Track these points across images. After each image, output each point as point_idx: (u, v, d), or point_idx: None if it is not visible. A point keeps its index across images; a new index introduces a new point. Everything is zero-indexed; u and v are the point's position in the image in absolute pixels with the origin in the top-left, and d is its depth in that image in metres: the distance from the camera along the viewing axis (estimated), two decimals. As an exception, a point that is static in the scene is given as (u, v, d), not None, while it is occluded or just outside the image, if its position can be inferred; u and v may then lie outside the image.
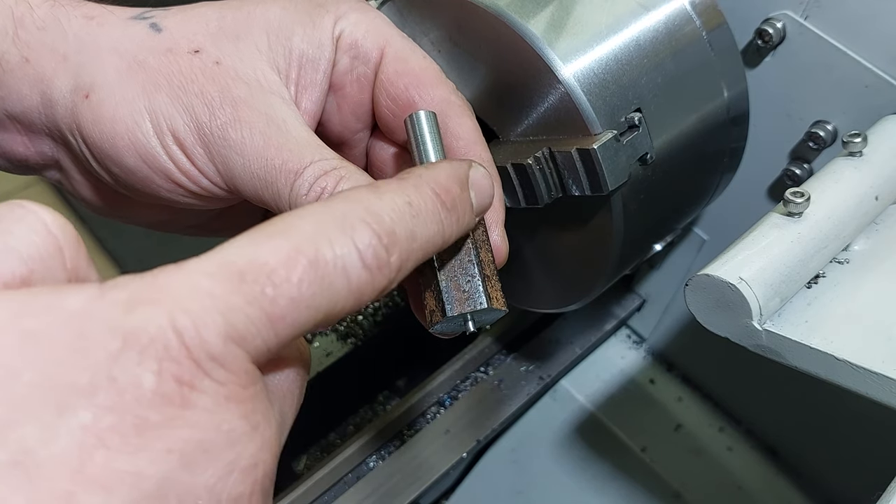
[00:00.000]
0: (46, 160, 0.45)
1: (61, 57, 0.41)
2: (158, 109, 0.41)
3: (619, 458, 0.75)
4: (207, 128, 0.40)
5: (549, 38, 0.46)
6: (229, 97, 0.40)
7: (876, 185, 0.47)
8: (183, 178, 0.42)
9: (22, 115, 0.43)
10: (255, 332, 0.26)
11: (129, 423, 0.23)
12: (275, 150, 0.40)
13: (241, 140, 0.40)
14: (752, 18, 0.56)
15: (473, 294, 0.39)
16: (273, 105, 0.41)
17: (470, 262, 0.39)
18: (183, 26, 0.42)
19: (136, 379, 0.23)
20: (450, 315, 0.38)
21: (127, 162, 0.41)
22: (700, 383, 0.77)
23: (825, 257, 0.45)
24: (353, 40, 0.44)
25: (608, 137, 0.45)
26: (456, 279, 0.39)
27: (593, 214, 0.50)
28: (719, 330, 0.43)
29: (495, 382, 0.72)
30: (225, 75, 0.41)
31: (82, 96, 0.41)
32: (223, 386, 0.25)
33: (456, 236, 0.34)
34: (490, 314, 0.39)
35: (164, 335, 0.24)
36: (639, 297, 0.78)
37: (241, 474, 0.25)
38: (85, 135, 0.42)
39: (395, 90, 0.44)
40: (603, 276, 0.53)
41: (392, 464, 0.66)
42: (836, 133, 0.56)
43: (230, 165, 0.40)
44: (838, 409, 0.65)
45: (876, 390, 0.39)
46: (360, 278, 0.29)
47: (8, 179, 1.30)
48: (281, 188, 0.40)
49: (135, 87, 0.41)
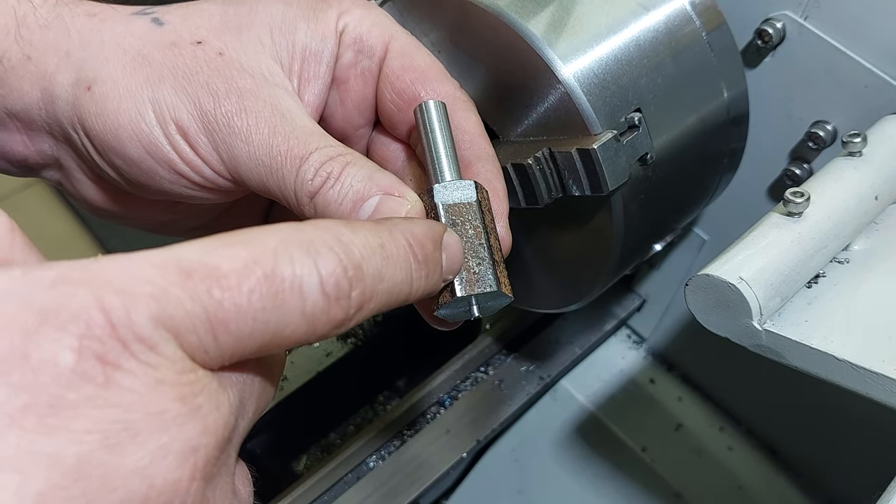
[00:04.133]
0: (46, 159, 0.45)
1: (64, 53, 0.41)
2: (162, 100, 0.40)
3: (619, 458, 0.75)
4: (212, 116, 0.40)
5: (549, 38, 0.46)
6: (234, 87, 0.40)
7: (876, 185, 0.47)
8: (186, 169, 0.41)
9: (22, 113, 0.43)
10: (190, 328, 0.25)
11: (45, 402, 0.22)
12: (281, 138, 0.40)
13: (247, 128, 0.40)
14: (752, 19, 0.56)
15: (484, 276, 0.39)
16: (277, 95, 0.41)
17: (481, 244, 0.39)
18: (185, 21, 0.42)
19: (52, 356, 0.22)
20: (459, 296, 0.38)
21: (130, 153, 0.41)
22: (700, 383, 0.77)
23: (825, 257, 0.45)
24: (357, 35, 0.44)
25: (608, 137, 0.45)
26: (466, 261, 0.39)
27: (593, 214, 0.50)
28: (719, 330, 0.43)
29: (495, 382, 0.72)
30: (229, 66, 0.41)
31: (84, 89, 0.41)
32: (153, 369, 0.24)
33: (422, 293, 0.34)
34: (497, 299, 0.39)
35: (87, 312, 0.23)
36: (639, 297, 0.78)
37: (177, 458, 0.24)
38: (87, 127, 0.41)
39: (400, 84, 0.44)
40: (603, 276, 0.53)
41: (392, 464, 0.66)
42: (835, 133, 0.56)
43: (235, 153, 0.40)
44: (838, 409, 0.65)
45: (876, 390, 0.39)
46: (315, 304, 0.28)
47: (7, 180, 1.30)
48: (286, 174, 0.40)
49: (138, 79, 0.41)
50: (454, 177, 0.41)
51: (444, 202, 0.40)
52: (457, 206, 0.40)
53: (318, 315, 0.28)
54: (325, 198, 0.39)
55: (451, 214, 0.40)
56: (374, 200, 0.39)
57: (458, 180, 0.41)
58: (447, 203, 0.40)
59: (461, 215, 0.40)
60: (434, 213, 0.40)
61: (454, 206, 0.40)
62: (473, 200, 0.40)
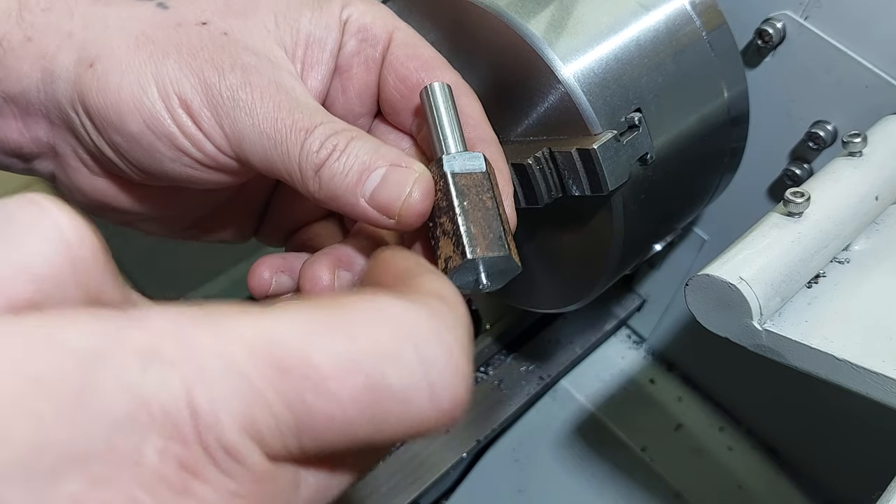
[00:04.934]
0: (41, 147, 0.45)
1: (66, 34, 0.41)
2: (166, 74, 0.40)
3: (619, 458, 0.75)
4: (216, 89, 0.40)
5: (550, 37, 0.46)
6: (239, 63, 0.41)
7: (876, 185, 0.47)
8: (186, 143, 0.41)
9: (20, 96, 0.42)
10: (277, 436, 0.22)
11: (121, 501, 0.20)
12: (286, 112, 0.40)
13: (251, 101, 0.40)
14: (752, 18, 0.56)
15: (496, 241, 0.38)
16: (282, 76, 0.41)
17: (494, 211, 0.39)
18: (191, 4, 0.43)
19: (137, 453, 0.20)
20: (470, 257, 0.37)
21: (130, 128, 0.41)
22: (700, 383, 0.77)
23: (825, 257, 0.45)
24: (361, 24, 0.45)
25: (608, 137, 0.45)
26: (478, 225, 0.38)
27: (593, 215, 0.50)
28: (719, 330, 0.43)
29: (495, 382, 0.72)
30: (234, 45, 0.41)
31: (87, 66, 0.41)
32: (231, 480, 0.21)
33: None
34: (506, 269, 0.39)
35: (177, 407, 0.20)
36: (639, 297, 0.78)
37: None
38: (88, 104, 0.41)
39: (404, 70, 0.45)
40: (603, 276, 0.53)
41: (392, 463, 0.66)
42: (836, 133, 0.56)
43: (239, 127, 0.40)
44: (838, 410, 0.65)
45: (876, 390, 0.39)
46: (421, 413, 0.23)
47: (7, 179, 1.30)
48: (291, 147, 0.40)
49: (142, 55, 0.41)
50: (462, 150, 0.41)
51: (453, 170, 0.40)
52: (466, 175, 0.40)
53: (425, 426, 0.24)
54: (331, 169, 0.39)
55: (460, 183, 0.39)
56: (381, 171, 0.39)
57: (466, 152, 0.40)
58: (456, 171, 0.40)
59: (471, 184, 0.39)
60: (443, 182, 0.39)
61: (464, 175, 0.40)
62: (483, 170, 0.40)
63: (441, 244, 0.39)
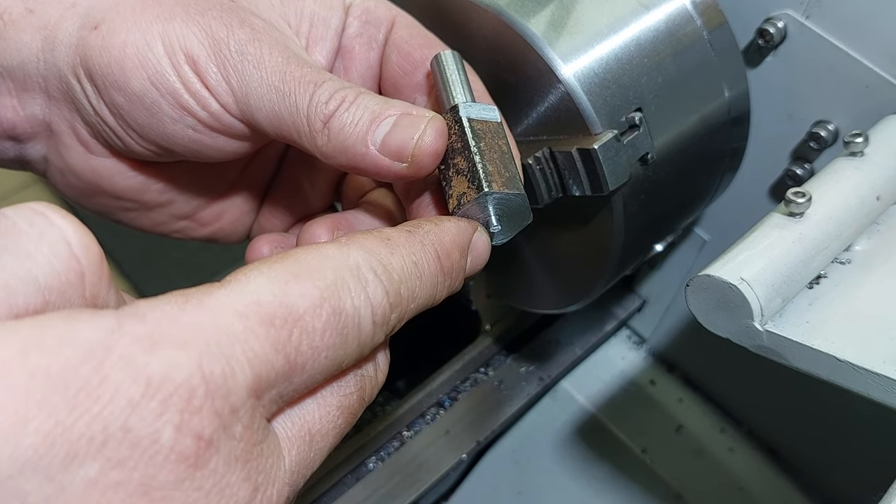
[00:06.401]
0: (35, 126, 0.44)
1: (69, 4, 0.41)
2: (172, 31, 0.40)
3: (619, 460, 0.75)
4: (224, 43, 0.40)
5: (550, 37, 0.46)
6: (248, 22, 0.41)
7: (877, 185, 0.47)
8: (191, 101, 0.41)
9: (18, 69, 0.42)
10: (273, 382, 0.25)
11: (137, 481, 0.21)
12: (294, 66, 0.40)
13: (260, 54, 0.40)
14: (753, 18, 0.56)
15: (512, 179, 0.38)
16: (287, 40, 0.42)
17: (509, 156, 0.39)
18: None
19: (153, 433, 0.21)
20: (486, 190, 0.37)
21: (133, 85, 0.40)
22: (701, 384, 0.76)
23: (827, 258, 0.45)
24: (364, 7, 0.45)
25: (609, 137, 0.45)
26: (494, 164, 0.38)
27: (594, 215, 0.50)
28: (720, 331, 0.43)
29: (495, 383, 0.72)
30: (241, 9, 0.42)
31: (91, 28, 0.40)
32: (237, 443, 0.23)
33: (443, 298, 0.35)
34: (518, 215, 0.39)
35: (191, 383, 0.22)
36: (639, 298, 0.77)
37: None
38: (90, 65, 0.41)
39: (408, 48, 0.45)
40: (603, 276, 0.53)
41: (392, 465, 0.66)
42: (837, 133, 0.56)
43: (247, 80, 0.40)
44: (840, 411, 0.65)
45: (877, 391, 0.39)
46: (367, 333, 0.29)
47: (6, 179, 1.30)
48: (299, 99, 0.39)
49: (148, 15, 0.40)
50: None
51: (469, 116, 0.39)
52: (482, 122, 0.40)
53: (368, 342, 0.29)
54: (340, 120, 0.39)
55: (476, 128, 0.39)
56: (392, 119, 0.39)
57: (480, 103, 0.40)
58: (473, 117, 0.39)
59: (486, 130, 0.39)
60: (458, 127, 0.39)
61: (480, 122, 0.40)
62: (498, 120, 0.40)
63: (454, 183, 0.39)
